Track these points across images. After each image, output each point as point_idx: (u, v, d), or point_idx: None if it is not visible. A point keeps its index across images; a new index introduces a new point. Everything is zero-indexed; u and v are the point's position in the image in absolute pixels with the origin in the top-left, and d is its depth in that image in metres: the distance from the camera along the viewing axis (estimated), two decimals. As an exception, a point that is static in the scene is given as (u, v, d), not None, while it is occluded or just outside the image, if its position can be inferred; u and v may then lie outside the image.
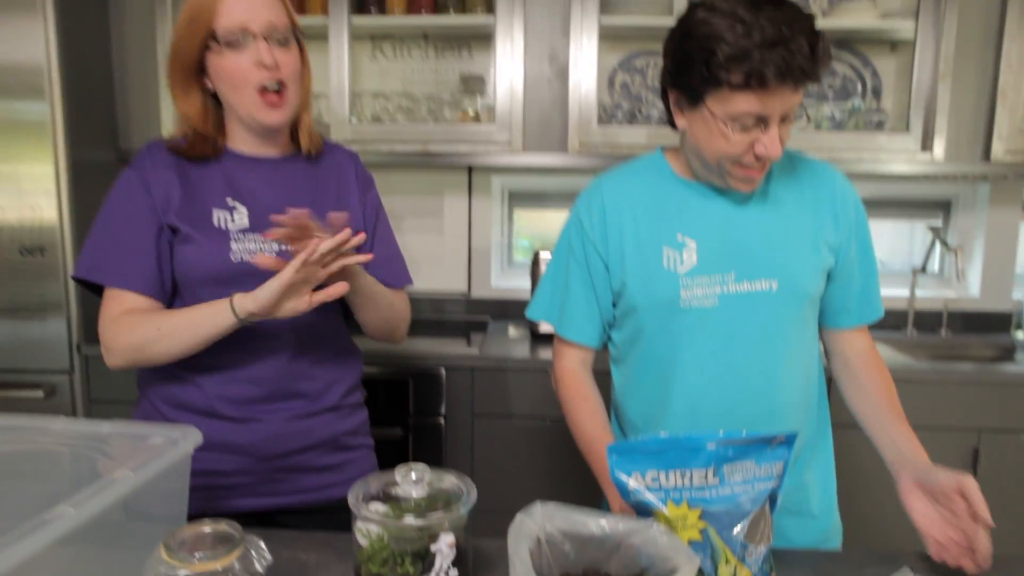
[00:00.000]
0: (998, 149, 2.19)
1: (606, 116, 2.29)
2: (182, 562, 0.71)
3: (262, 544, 0.81)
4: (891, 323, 2.58)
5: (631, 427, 1.20)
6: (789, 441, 0.82)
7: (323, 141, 1.26)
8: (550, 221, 2.71)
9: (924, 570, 0.92)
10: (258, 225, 1.14)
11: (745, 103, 0.96)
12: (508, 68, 2.19)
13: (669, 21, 2.17)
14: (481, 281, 2.60)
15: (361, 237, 1.06)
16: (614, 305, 1.18)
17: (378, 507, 0.77)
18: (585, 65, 2.17)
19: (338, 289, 1.05)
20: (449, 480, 0.81)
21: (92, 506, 0.75)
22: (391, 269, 1.27)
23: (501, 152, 2.22)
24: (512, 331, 2.39)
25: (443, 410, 2.08)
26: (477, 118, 2.31)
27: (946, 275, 2.60)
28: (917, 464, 1.00)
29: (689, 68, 0.98)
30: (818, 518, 1.17)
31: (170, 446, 0.88)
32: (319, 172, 1.23)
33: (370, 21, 2.27)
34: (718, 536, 0.79)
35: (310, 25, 2.28)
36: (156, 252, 1.12)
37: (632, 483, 0.80)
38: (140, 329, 1.09)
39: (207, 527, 0.76)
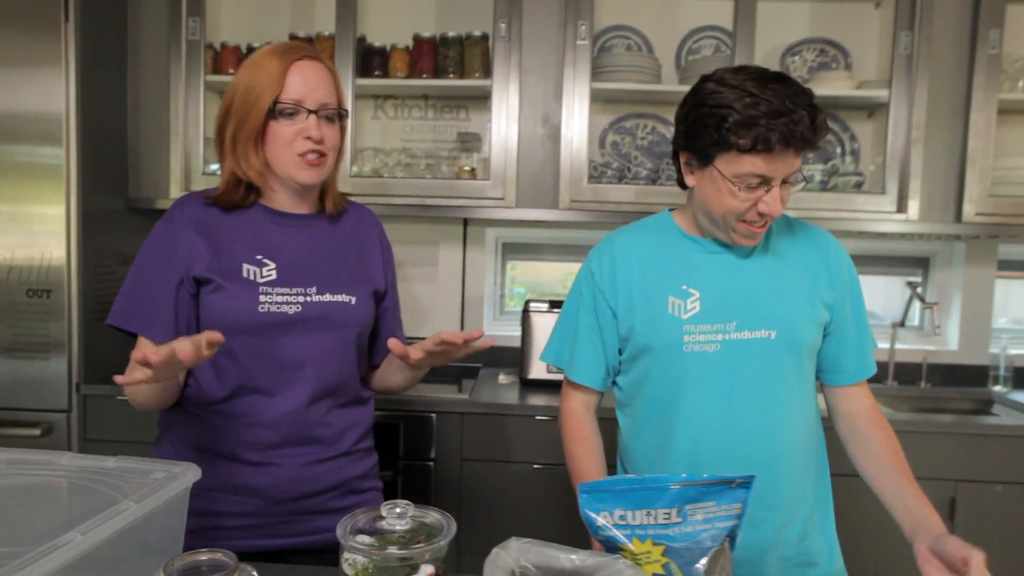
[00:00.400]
0: (969, 211, 2.30)
1: (596, 174, 2.40)
2: (180, 587, 0.77)
3: (255, 573, 0.87)
4: (873, 375, 2.64)
5: (635, 469, 1.27)
6: (747, 483, 0.88)
7: (345, 201, 1.35)
8: (542, 271, 2.81)
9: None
10: (285, 278, 1.21)
11: (751, 165, 1.08)
12: (503, 128, 2.31)
13: (657, 87, 2.36)
14: (474, 328, 2.67)
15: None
16: (621, 351, 1.27)
17: (364, 539, 0.83)
18: (576, 126, 2.29)
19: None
20: (431, 515, 0.87)
21: (98, 534, 0.80)
22: (400, 325, 1.40)
23: (495, 207, 2.32)
24: (502, 377, 2.45)
25: (433, 454, 2.13)
26: (473, 173, 2.42)
27: (926, 329, 2.67)
28: (931, 530, 1.07)
29: (701, 132, 1.11)
30: (821, 567, 1.22)
31: (171, 480, 0.95)
32: (341, 230, 1.31)
33: (374, 83, 2.40)
34: (679, 571, 0.84)
35: (316, 84, 2.41)
36: (167, 303, 1.19)
37: (600, 520, 0.86)
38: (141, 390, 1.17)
39: (203, 555, 0.82)
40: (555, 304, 2.36)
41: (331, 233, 1.30)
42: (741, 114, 1.06)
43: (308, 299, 1.21)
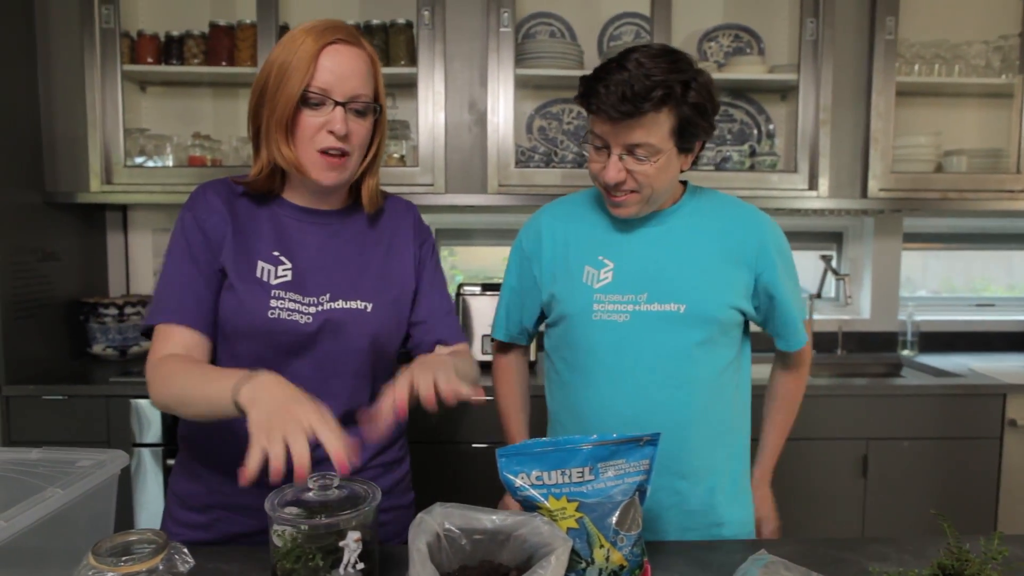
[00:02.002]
0: (873, 187, 2.45)
1: (524, 158, 2.46)
2: (109, 566, 0.78)
3: (185, 550, 0.89)
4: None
5: (552, 429, 1.36)
6: (654, 441, 0.95)
7: (383, 198, 1.25)
8: (481, 257, 2.85)
9: (779, 553, 1.05)
10: (300, 283, 1.14)
11: (596, 125, 1.17)
12: (430, 115, 2.33)
13: (581, 72, 2.40)
14: (410, 315, 2.70)
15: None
16: (545, 315, 1.36)
17: (292, 509, 0.86)
18: (502, 112, 2.33)
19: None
20: (357, 485, 0.91)
21: (23, 520, 0.81)
22: (449, 325, 1.25)
23: (425, 193, 2.35)
24: (439, 362, 2.49)
25: (371, 439, 2.15)
26: (403, 161, 2.44)
27: (840, 300, 2.84)
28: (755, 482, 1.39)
29: (581, 92, 1.19)
30: (727, 526, 1.28)
31: (97, 468, 0.96)
32: (372, 226, 1.23)
33: (298, 70, 2.38)
34: (593, 524, 0.90)
35: (238, 74, 2.39)
36: (208, 288, 1.12)
37: (519, 481, 0.92)
38: (167, 389, 1.06)
39: (133, 535, 0.83)
40: (487, 287, 2.40)
41: (360, 230, 1.21)
42: (593, 74, 1.16)
43: (320, 308, 1.14)
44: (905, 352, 2.76)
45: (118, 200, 2.35)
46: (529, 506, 0.92)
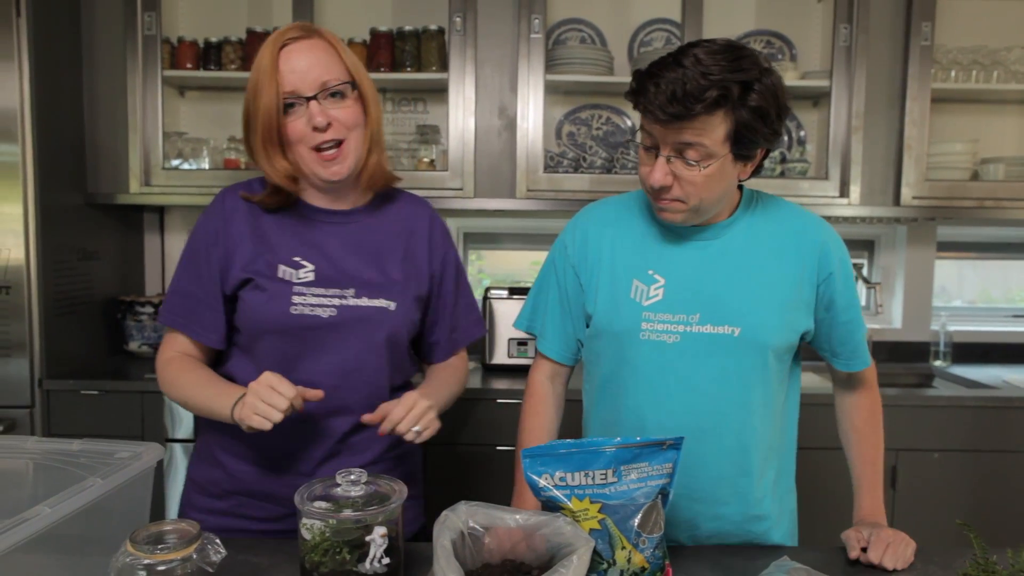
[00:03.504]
0: (906, 195, 2.41)
1: (552, 164, 2.47)
2: (145, 553, 0.82)
3: (218, 540, 0.91)
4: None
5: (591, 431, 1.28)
6: (677, 445, 0.96)
7: (394, 186, 1.28)
8: (509, 261, 2.87)
9: (802, 560, 1.05)
10: (322, 280, 1.17)
11: (646, 124, 1.07)
12: (460, 120, 2.36)
13: (611, 78, 2.43)
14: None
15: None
16: (587, 326, 1.23)
17: (320, 504, 0.88)
18: (532, 117, 2.35)
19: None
20: (383, 482, 0.93)
21: (66, 507, 0.85)
22: (465, 328, 1.33)
23: (454, 197, 2.38)
24: (471, 363, 2.51)
25: (398, 440, 2.18)
26: (432, 165, 2.47)
27: (871, 308, 2.80)
28: (865, 522, 1.18)
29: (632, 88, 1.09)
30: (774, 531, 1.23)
31: (135, 459, 0.99)
32: (388, 224, 1.24)
33: (331, 75, 2.43)
34: (615, 526, 0.91)
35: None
36: (212, 301, 1.17)
37: (542, 482, 0.93)
38: (175, 390, 1.18)
39: (168, 525, 0.86)
40: (515, 291, 2.42)
41: (377, 228, 1.23)
42: (647, 70, 1.05)
43: (344, 302, 1.16)
44: (937, 363, 2.71)
45: (156, 201, 2.41)
46: (552, 506, 0.93)
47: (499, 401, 2.17)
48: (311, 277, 1.16)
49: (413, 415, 1.09)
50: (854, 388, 1.28)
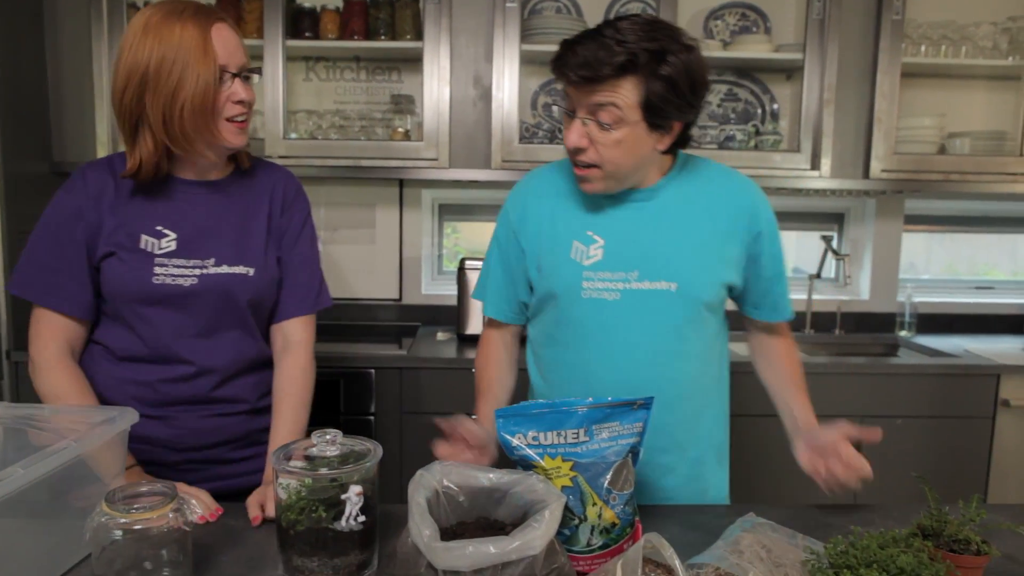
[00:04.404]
0: (875, 168, 2.45)
1: (528, 134, 2.47)
2: (121, 512, 0.82)
3: (193, 501, 0.92)
4: (792, 324, 2.82)
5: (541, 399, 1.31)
6: (647, 404, 0.98)
7: (250, 157, 1.32)
8: (478, 231, 2.87)
9: (768, 516, 1.09)
10: (184, 249, 1.21)
11: (566, 89, 1.13)
12: (435, 90, 2.34)
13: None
14: (412, 288, 2.74)
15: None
16: (532, 290, 1.29)
17: (296, 463, 0.89)
18: (507, 88, 2.34)
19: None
20: (359, 442, 0.94)
21: (39, 468, 0.85)
22: (308, 294, 1.32)
23: (429, 168, 2.37)
24: (440, 335, 2.52)
25: (373, 408, 2.19)
26: (407, 135, 2.45)
27: (840, 280, 2.85)
28: (808, 429, 1.19)
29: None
30: (712, 490, 1.31)
31: (108, 423, 0.99)
32: (253, 191, 1.29)
33: (304, 44, 2.40)
34: (586, 483, 0.94)
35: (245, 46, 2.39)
36: (80, 275, 1.20)
37: (515, 441, 0.95)
38: (50, 396, 1.19)
39: (144, 486, 0.87)
40: (490, 262, 2.43)
41: (242, 195, 1.28)
42: (568, 44, 1.11)
43: (205, 271, 1.21)
44: (903, 333, 2.79)
45: (125, 170, 2.37)
46: (526, 465, 0.95)
47: (473, 371, 2.18)
48: (173, 247, 1.21)
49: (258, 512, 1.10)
50: (772, 334, 1.34)
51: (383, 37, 2.39)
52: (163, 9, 1.15)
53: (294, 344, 1.30)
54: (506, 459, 1.00)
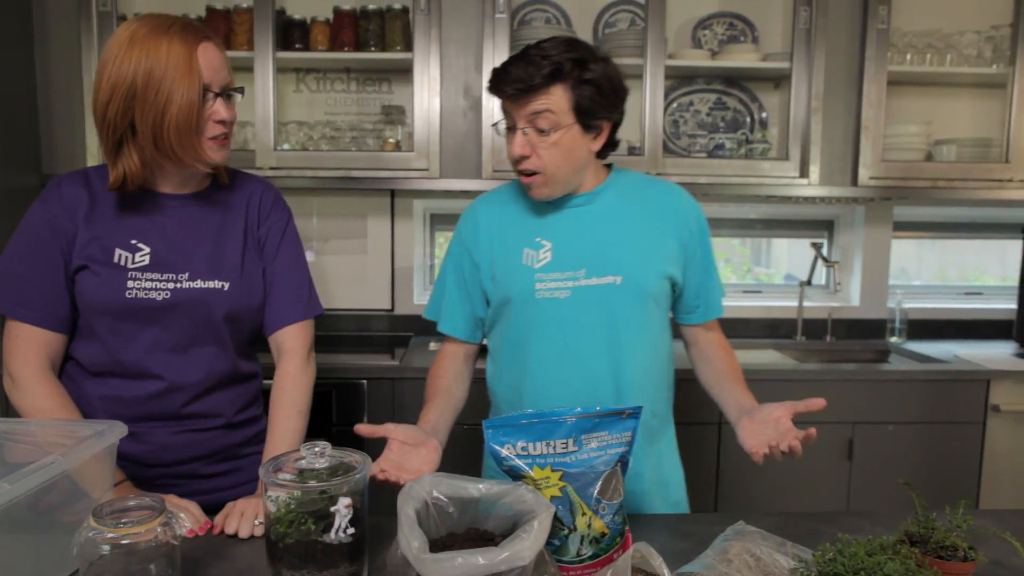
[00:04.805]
0: (864, 175, 2.47)
1: (518, 144, 2.47)
2: (109, 527, 0.82)
3: (182, 515, 0.92)
4: (784, 331, 2.84)
5: (497, 410, 1.39)
6: (636, 414, 0.98)
7: (228, 171, 1.31)
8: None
9: (758, 524, 1.09)
10: (157, 263, 1.21)
11: (504, 107, 1.24)
12: (425, 101, 2.35)
13: (574, 58, 2.43)
14: (404, 298, 2.74)
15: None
16: (488, 304, 1.36)
17: (285, 475, 0.89)
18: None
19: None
20: (348, 454, 0.94)
21: (27, 483, 0.84)
22: (297, 301, 1.30)
23: (420, 178, 2.37)
24: (433, 344, 2.52)
25: (365, 419, 2.19)
26: (398, 146, 2.46)
27: (830, 287, 2.87)
28: (750, 409, 1.19)
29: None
30: (673, 487, 1.36)
31: (96, 437, 0.98)
32: (229, 203, 1.29)
33: (295, 56, 2.40)
34: (575, 493, 0.94)
35: (235, 58, 2.40)
36: (55, 287, 1.19)
37: (504, 452, 0.95)
38: (33, 412, 1.18)
39: (131, 500, 0.87)
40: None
41: (219, 208, 1.28)
42: (499, 69, 1.23)
43: (178, 285, 1.20)
44: (893, 339, 2.80)
45: (115, 182, 2.36)
46: (515, 475, 0.95)
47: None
48: (146, 261, 1.21)
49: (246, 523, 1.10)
50: (708, 332, 1.39)
51: (373, 48, 2.40)
52: (149, 23, 1.14)
53: (286, 352, 1.29)
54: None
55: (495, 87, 1.23)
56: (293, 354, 1.29)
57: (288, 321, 1.30)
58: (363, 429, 1.11)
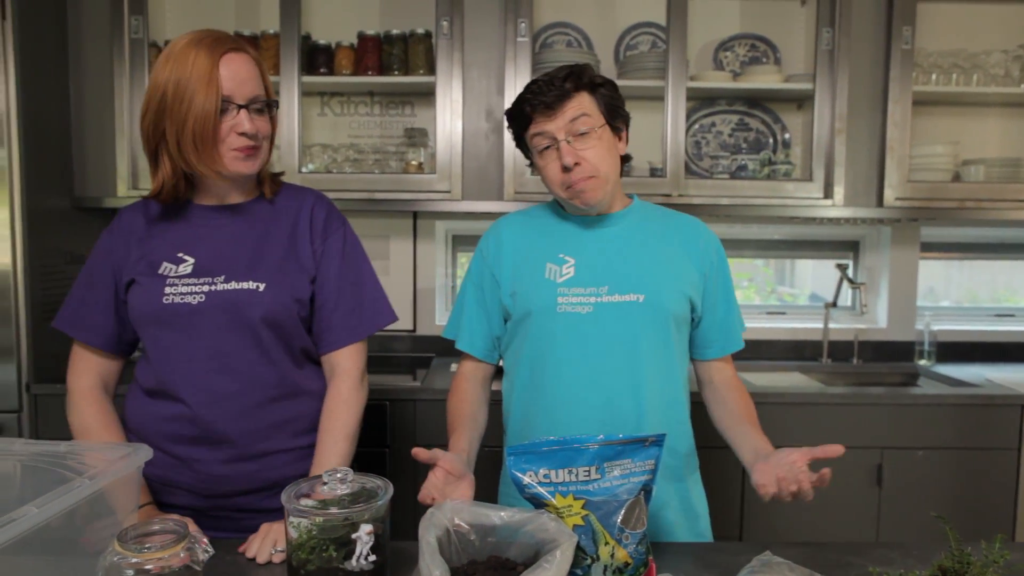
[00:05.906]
0: (889, 196, 2.44)
1: (540, 166, 2.48)
2: (133, 552, 0.82)
3: (205, 540, 0.92)
4: (809, 353, 2.80)
5: (512, 426, 1.36)
6: (659, 442, 0.97)
7: (281, 183, 1.33)
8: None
9: (785, 555, 1.07)
10: (199, 270, 1.23)
11: (536, 127, 1.25)
12: (448, 123, 2.37)
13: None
14: (426, 319, 2.74)
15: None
16: (506, 321, 1.36)
17: (307, 502, 0.89)
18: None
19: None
20: (370, 480, 0.94)
21: (53, 507, 0.85)
22: (350, 322, 1.28)
23: (442, 200, 2.39)
24: (455, 365, 2.52)
25: (388, 441, 2.19)
26: (420, 168, 2.48)
27: (856, 309, 2.83)
28: (766, 455, 1.16)
29: (512, 122, 1.30)
30: (701, 518, 1.33)
31: (122, 460, 0.99)
32: (275, 215, 1.29)
33: (319, 80, 2.44)
34: (598, 522, 0.93)
35: (263, 82, 2.44)
36: (105, 309, 1.27)
37: (527, 479, 0.94)
38: (79, 429, 1.26)
39: (156, 524, 0.87)
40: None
41: (263, 218, 1.28)
42: (520, 96, 1.27)
43: (213, 288, 1.21)
44: (922, 362, 2.75)
45: (144, 205, 2.41)
46: (537, 503, 0.95)
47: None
48: (189, 270, 1.23)
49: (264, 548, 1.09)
50: (725, 365, 1.38)
51: (396, 72, 2.43)
52: (188, 37, 1.19)
53: (338, 374, 1.28)
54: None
55: (524, 109, 1.25)
56: (346, 376, 1.28)
57: (340, 343, 1.28)
58: (421, 454, 1.11)
